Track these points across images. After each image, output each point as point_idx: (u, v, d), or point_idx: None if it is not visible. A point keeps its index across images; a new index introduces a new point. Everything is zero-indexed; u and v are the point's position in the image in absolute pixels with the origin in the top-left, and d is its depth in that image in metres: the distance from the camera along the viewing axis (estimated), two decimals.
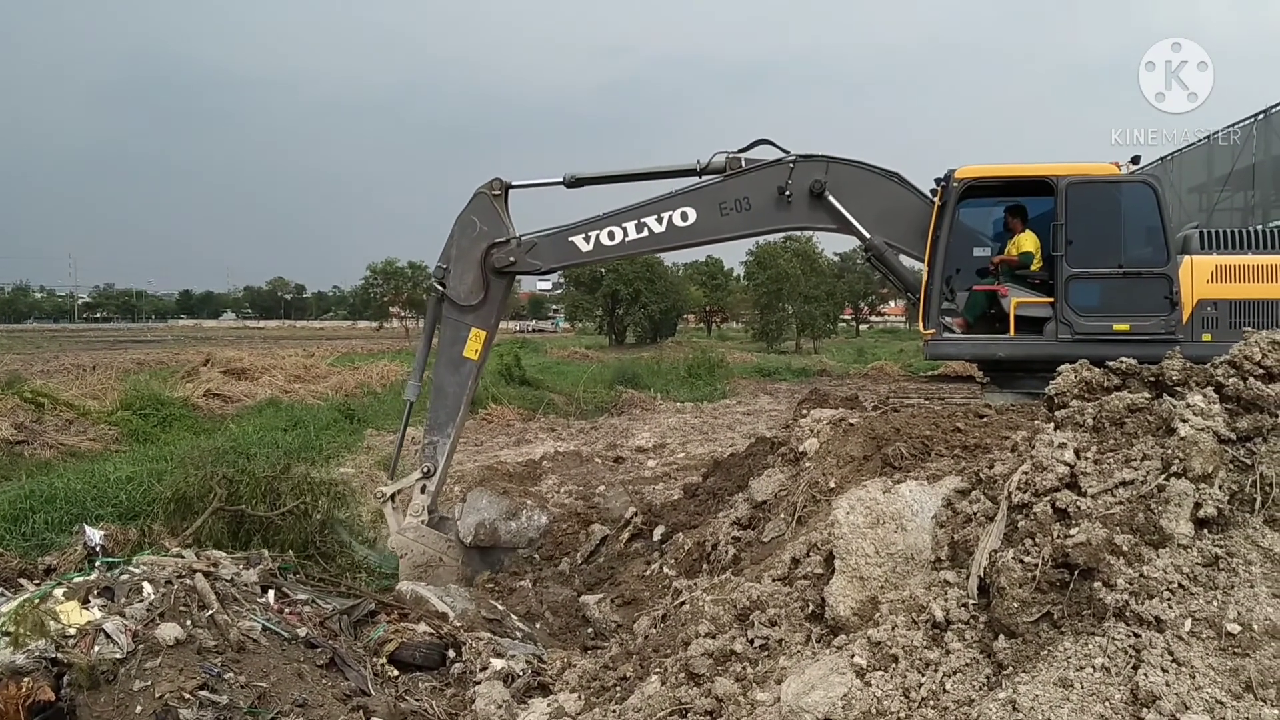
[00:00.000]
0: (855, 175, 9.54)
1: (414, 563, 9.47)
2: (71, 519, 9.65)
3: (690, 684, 4.47)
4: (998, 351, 9.23)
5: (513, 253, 9.67)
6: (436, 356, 9.92)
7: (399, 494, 9.82)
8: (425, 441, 9.85)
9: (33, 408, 16.78)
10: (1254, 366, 3.71)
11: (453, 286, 9.67)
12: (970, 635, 3.54)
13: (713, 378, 31.60)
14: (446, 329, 9.81)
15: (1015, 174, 9.57)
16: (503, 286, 9.99)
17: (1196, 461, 3.36)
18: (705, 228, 9.59)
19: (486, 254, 9.61)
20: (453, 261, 9.68)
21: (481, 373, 10.22)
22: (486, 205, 9.70)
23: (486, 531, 9.51)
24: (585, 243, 9.65)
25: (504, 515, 9.63)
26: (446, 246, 9.76)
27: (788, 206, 9.46)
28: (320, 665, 5.54)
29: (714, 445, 17.36)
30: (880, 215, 9.48)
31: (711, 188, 9.58)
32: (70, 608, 5.16)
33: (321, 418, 20.00)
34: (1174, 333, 8.68)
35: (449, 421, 9.79)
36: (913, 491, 4.61)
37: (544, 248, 9.76)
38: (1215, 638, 2.97)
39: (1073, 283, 8.93)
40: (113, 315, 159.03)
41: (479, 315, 9.74)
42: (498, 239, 9.63)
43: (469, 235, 9.68)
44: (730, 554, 7.13)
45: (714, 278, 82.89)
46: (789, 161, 9.48)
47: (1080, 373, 4.23)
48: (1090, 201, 9.01)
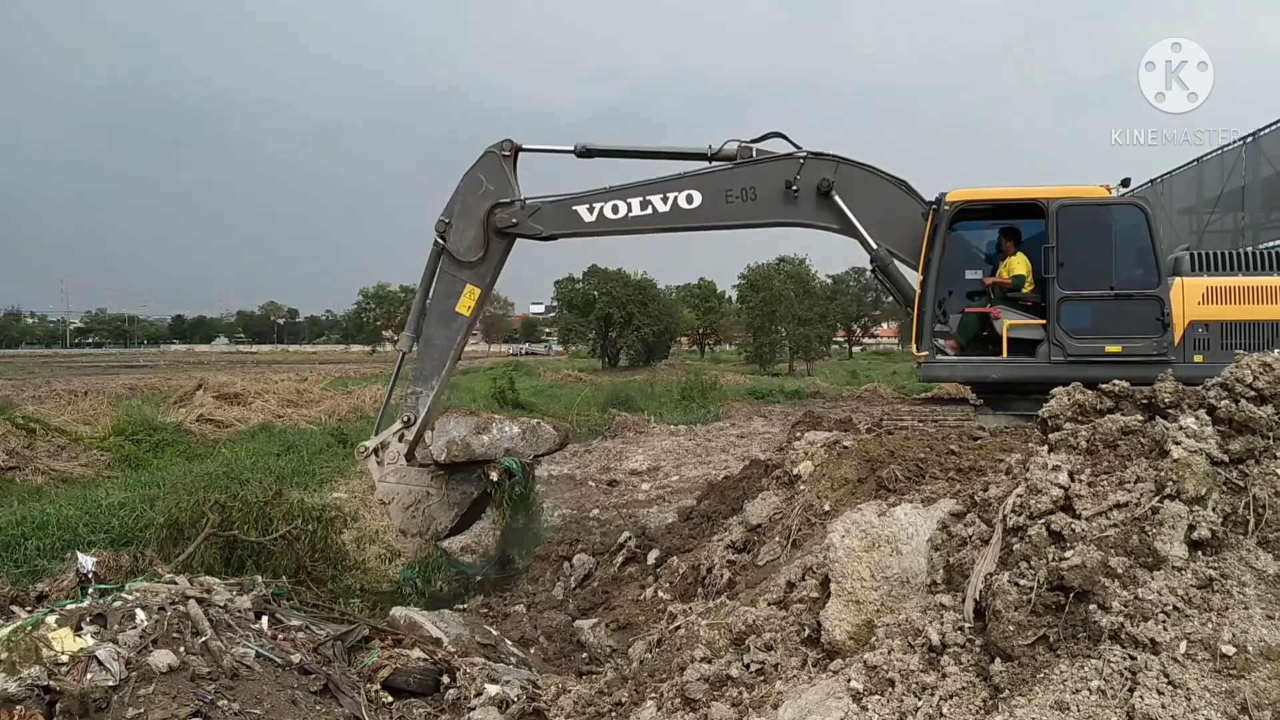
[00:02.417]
0: (863, 178, 9.60)
1: (403, 504, 9.56)
2: (64, 545, 9.58)
3: (686, 710, 4.45)
4: (991, 373, 9.27)
5: (516, 215, 9.71)
6: (429, 309, 9.93)
7: (382, 447, 9.82)
8: (409, 391, 9.87)
9: (24, 433, 16.66)
10: (1246, 389, 3.73)
11: (453, 241, 9.70)
12: (966, 659, 3.54)
13: (706, 400, 31.55)
14: (441, 282, 9.85)
15: (1006, 197, 9.64)
16: (502, 247, 9.97)
17: (1190, 484, 3.38)
18: (709, 213, 9.62)
19: (490, 213, 9.67)
20: (455, 216, 9.73)
21: (471, 330, 10.26)
22: (495, 165, 9.73)
23: (459, 447, 9.51)
24: (589, 213, 9.68)
25: (474, 430, 9.64)
26: (451, 201, 9.79)
27: (794, 202, 9.52)
28: (314, 692, 5.49)
29: (708, 468, 17.32)
30: (884, 221, 9.53)
31: (720, 173, 9.62)
32: (62, 635, 5.12)
33: (314, 442, 19.90)
34: (1166, 354, 8.74)
35: (434, 374, 9.81)
36: (907, 514, 4.62)
37: (547, 213, 9.78)
38: (1210, 660, 2.97)
39: (1065, 304, 8.99)
40: (105, 340, 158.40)
41: (476, 272, 9.78)
42: (503, 199, 9.68)
43: (474, 193, 9.72)
44: (725, 578, 7.11)
45: (707, 300, 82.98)
46: (800, 157, 9.55)
47: (1074, 395, 4.25)
48: (1081, 224, 9.08)
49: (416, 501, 9.65)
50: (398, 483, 9.63)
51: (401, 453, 9.70)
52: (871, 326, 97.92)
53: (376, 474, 9.76)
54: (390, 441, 9.80)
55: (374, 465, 9.82)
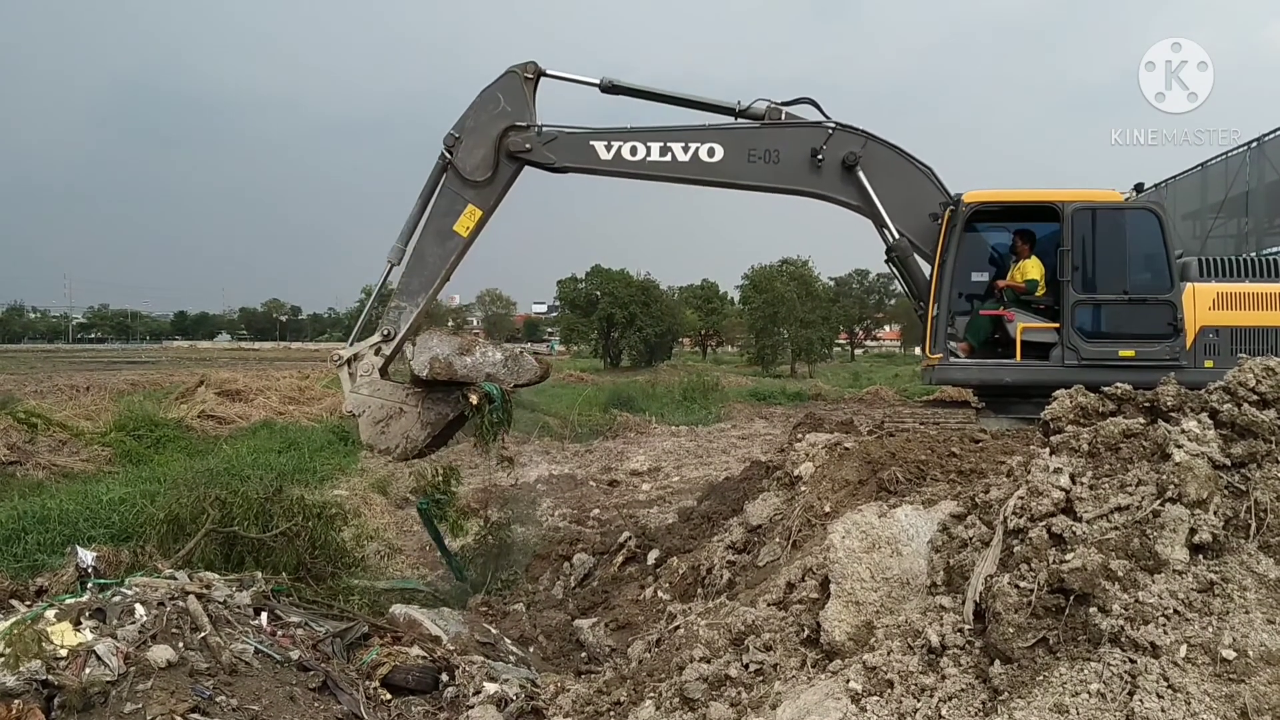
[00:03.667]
0: (890, 158, 9.47)
1: (374, 419, 9.21)
2: (64, 540, 9.59)
3: (685, 709, 4.45)
4: (1005, 377, 9.20)
5: (531, 140, 9.36)
6: (425, 224, 9.54)
7: (356, 358, 9.47)
8: (391, 305, 9.49)
9: (26, 428, 16.68)
10: (1248, 392, 3.72)
11: (460, 158, 9.33)
12: (966, 660, 3.53)
13: (708, 401, 31.60)
14: (443, 198, 9.47)
15: (1022, 199, 9.60)
16: (511, 172, 9.59)
17: (1191, 487, 3.37)
18: (729, 170, 9.43)
19: (504, 135, 9.32)
20: (466, 133, 9.36)
21: (465, 252, 9.76)
22: (516, 86, 9.39)
23: (442, 365, 9.03)
24: (606, 150, 9.41)
25: (457, 351, 9.19)
26: (463, 116, 9.42)
27: (817, 171, 9.34)
28: (313, 689, 5.49)
29: (709, 469, 17.33)
30: (905, 204, 9.40)
31: (745, 130, 9.47)
32: (62, 629, 5.12)
33: (316, 440, 19.93)
34: (1178, 359, 8.72)
35: (421, 291, 9.45)
36: (908, 516, 4.61)
37: (563, 143, 9.47)
38: (1210, 664, 2.97)
39: (1079, 308, 8.97)
40: (107, 336, 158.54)
41: (480, 194, 9.42)
42: (519, 122, 9.34)
43: (489, 111, 9.38)
44: (725, 578, 7.11)
45: (709, 301, 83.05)
46: (828, 126, 9.39)
47: (1076, 398, 4.25)
48: (1096, 228, 9.06)
49: (388, 417, 9.25)
50: (370, 395, 9.24)
51: (376, 366, 9.33)
52: (874, 329, 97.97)
53: (348, 385, 9.38)
54: (365, 354, 9.41)
55: (345, 375, 9.43)
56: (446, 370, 9.03)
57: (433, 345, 9.14)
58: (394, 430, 9.26)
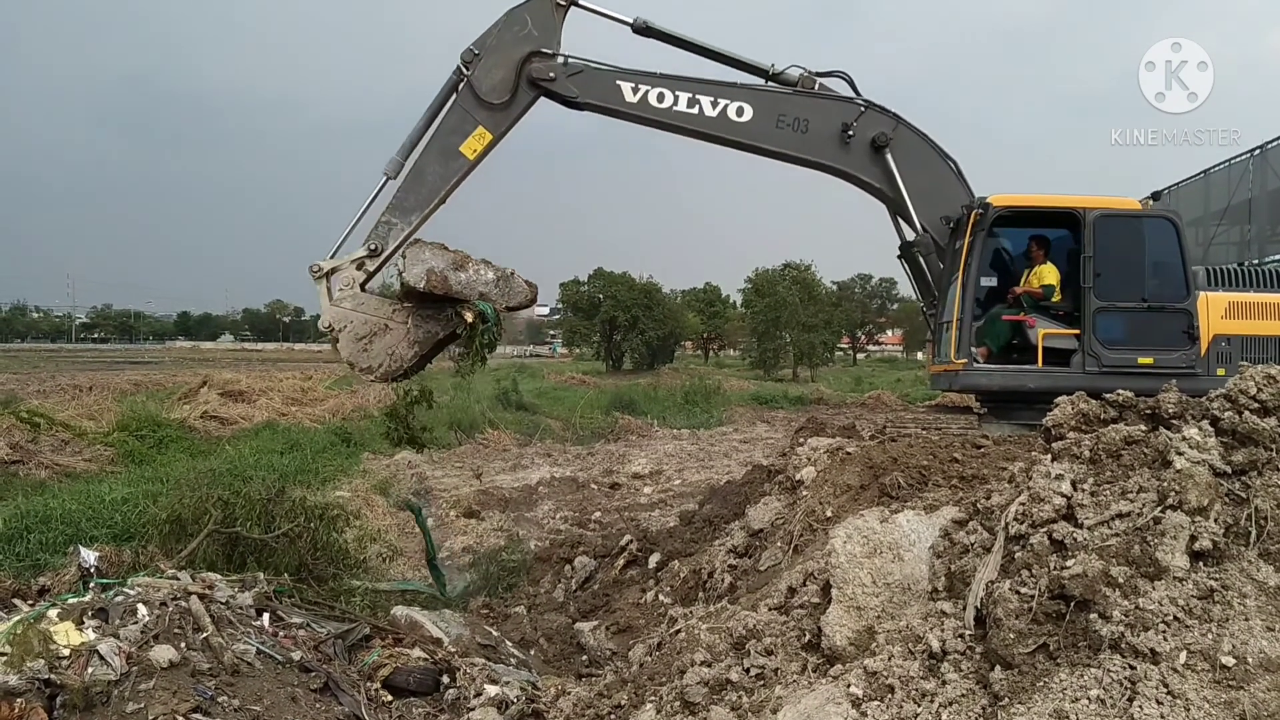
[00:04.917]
0: (918, 144, 9.43)
1: (356, 334, 8.79)
2: (66, 540, 9.59)
3: (685, 713, 4.46)
4: (1028, 383, 9.16)
5: (555, 69, 9.04)
6: (429, 140, 9.11)
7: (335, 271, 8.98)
8: (381, 219, 9.01)
9: (29, 428, 16.71)
10: (1249, 400, 3.73)
11: (477, 76, 8.92)
12: (966, 666, 3.54)
13: (709, 405, 31.63)
14: (452, 115, 9.06)
15: (1046, 204, 9.58)
16: (529, 100, 9.20)
17: (1192, 494, 3.38)
18: (755, 132, 9.26)
19: (527, 59, 8.97)
20: (487, 51, 8.96)
21: (468, 176, 9.26)
22: (546, 10, 9.04)
23: (438, 278, 8.54)
24: (633, 93, 9.16)
25: (451, 266, 8.71)
26: (485, 33, 9.01)
27: (845, 148, 9.25)
28: (314, 690, 5.50)
29: (710, 473, 17.34)
30: (928, 193, 9.37)
31: (778, 95, 9.34)
32: (64, 629, 5.13)
33: (318, 441, 19.97)
34: (1194, 367, 8.73)
35: (416, 209, 9.00)
36: (910, 521, 4.61)
37: (589, 78, 9.17)
38: (1210, 670, 2.98)
39: (1100, 315, 8.96)
40: (110, 336, 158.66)
41: (493, 117, 9.02)
42: (544, 49, 9.01)
43: (514, 31, 9.01)
44: (726, 582, 7.12)
45: (712, 304, 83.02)
46: (860, 103, 9.32)
47: (1077, 405, 4.26)
48: (1116, 235, 9.05)
49: (372, 333, 8.81)
50: (353, 310, 8.79)
51: (357, 281, 8.90)
52: (876, 333, 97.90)
53: (326, 299, 8.90)
54: (346, 268, 8.95)
55: (323, 288, 8.92)
56: (442, 284, 8.59)
57: (426, 258, 8.69)
58: (378, 347, 8.84)
